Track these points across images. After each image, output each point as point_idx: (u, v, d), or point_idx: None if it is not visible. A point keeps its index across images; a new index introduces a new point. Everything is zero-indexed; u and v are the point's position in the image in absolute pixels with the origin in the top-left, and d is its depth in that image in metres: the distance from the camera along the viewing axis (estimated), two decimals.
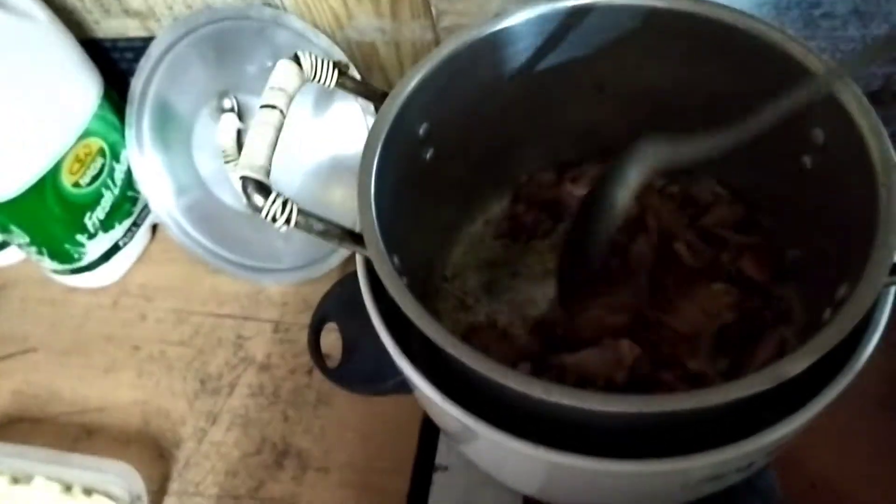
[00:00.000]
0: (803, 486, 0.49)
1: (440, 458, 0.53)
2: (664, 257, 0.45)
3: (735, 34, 0.38)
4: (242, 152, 0.33)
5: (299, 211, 0.33)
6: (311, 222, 0.34)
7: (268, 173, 0.33)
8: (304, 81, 0.36)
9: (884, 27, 0.43)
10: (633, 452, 0.31)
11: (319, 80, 0.37)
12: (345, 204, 0.58)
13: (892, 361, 0.49)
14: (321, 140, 0.58)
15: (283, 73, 0.35)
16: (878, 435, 0.49)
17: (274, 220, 0.33)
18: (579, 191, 0.49)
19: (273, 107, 0.34)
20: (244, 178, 0.32)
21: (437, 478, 0.53)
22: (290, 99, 0.35)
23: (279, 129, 0.34)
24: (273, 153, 0.33)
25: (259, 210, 0.32)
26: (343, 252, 0.61)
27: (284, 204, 0.33)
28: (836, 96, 0.34)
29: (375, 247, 0.34)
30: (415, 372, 0.35)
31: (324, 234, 0.34)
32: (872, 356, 0.32)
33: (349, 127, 0.57)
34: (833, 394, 0.31)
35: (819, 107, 0.35)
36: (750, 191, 0.45)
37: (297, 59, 0.36)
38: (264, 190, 0.32)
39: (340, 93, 0.56)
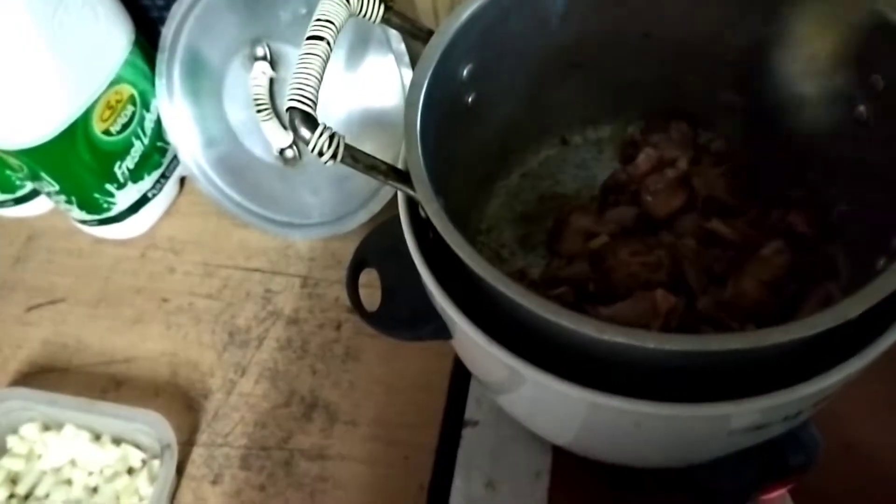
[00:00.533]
0: (838, 447, 0.48)
1: (469, 413, 0.53)
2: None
3: None
4: (290, 83, 0.32)
5: (346, 146, 0.33)
6: (358, 157, 0.33)
7: (315, 105, 0.32)
8: (350, 14, 0.36)
9: None
10: (677, 399, 0.30)
11: (365, 15, 0.37)
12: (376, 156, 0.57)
13: None
14: (353, 92, 0.57)
15: (330, 5, 0.34)
16: None
17: (321, 153, 0.32)
18: None
19: (320, 38, 0.33)
20: (291, 110, 0.32)
21: (467, 433, 0.52)
22: (338, 31, 0.34)
23: (326, 61, 0.33)
24: (320, 85, 0.33)
25: (306, 142, 0.32)
26: (372, 208, 0.60)
27: (332, 137, 0.32)
28: None
29: (423, 184, 0.33)
30: (459, 314, 0.34)
31: (370, 170, 0.33)
32: None
33: (382, 80, 0.56)
34: (885, 344, 0.30)
35: (881, 51, 0.34)
36: (800, 144, 0.44)
37: None
38: (312, 122, 0.32)
39: (374, 45, 0.55)
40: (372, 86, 0.56)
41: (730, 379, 0.32)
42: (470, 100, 0.42)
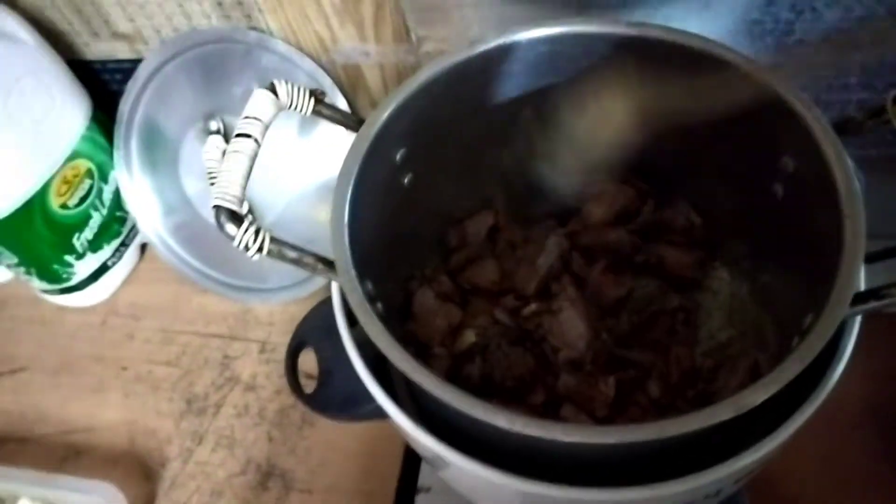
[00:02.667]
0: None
1: (423, 480, 0.53)
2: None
3: (708, 63, 0.38)
4: (216, 181, 0.33)
5: (272, 239, 0.34)
6: (284, 251, 0.34)
7: (241, 202, 0.33)
8: (280, 109, 0.37)
9: (856, 55, 0.43)
10: (603, 481, 0.31)
11: (296, 108, 0.38)
12: None
13: (865, 387, 0.49)
14: (308, 159, 0.58)
15: (259, 102, 0.36)
16: (852, 459, 0.49)
17: (247, 248, 0.33)
18: None
19: (248, 136, 0.35)
20: (217, 207, 0.33)
21: (420, 499, 0.53)
22: (266, 127, 0.35)
23: (253, 159, 0.34)
24: (247, 182, 0.34)
25: (232, 238, 0.33)
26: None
27: (257, 233, 0.33)
28: (804, 124, 0.34)
29: (347, 275, 0.34)
30: (388, 402, 0.35)
31: (297, 262, 0.34)
32: (840, 383, 0.32)
33: (336, 146, 0.57)
34: (796, 425, 0.31)
35: (788, 135, 0.36)
36: (723, 216, 0.45)
37: (272, 88, 0.37)
38: (237, 219, 0.33)
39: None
40: (327, 152, 0.58)
41: (653, 459, 0.33)
42: (406, 180, 0.43)
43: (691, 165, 0.46)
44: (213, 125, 0.58)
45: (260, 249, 0.33)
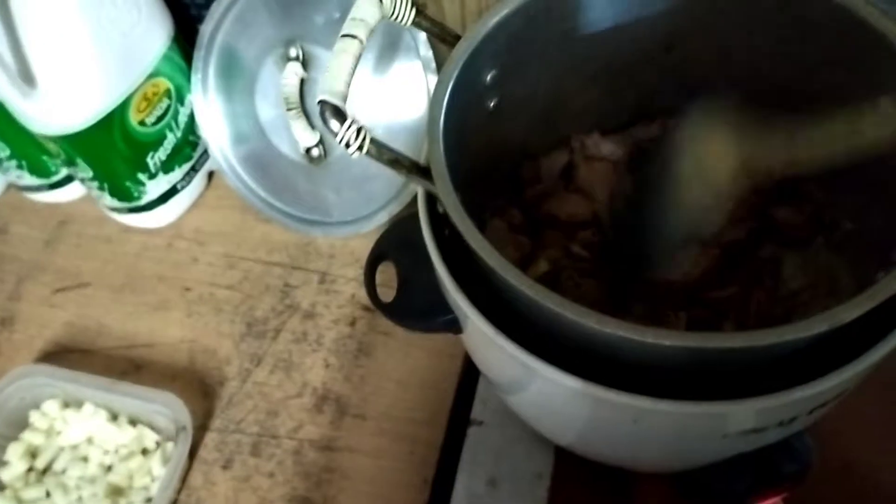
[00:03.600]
0: (837, 466, 0.49)
1: (475, 413, 0.54)
2: None
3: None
4: (322, 78, 0.34)
5: (372, 139, 0.34)
6: (383, 151, 0.35)
7: (345, 99, 0.34)
8: (383, 16, 0.37)
9: None
10: (680, 394, 0.31)
11: (397, 18, 0.38)
12: None
13: None
14: (380, 96, 0.59)
15: (364, 6, 0.36)
16: None
17: (348, 145, 0.34)
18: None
19: (353, 36, 0.35)
20: (322, 102, 0.33)
21: (472, 432, 0.54)
22: (370, 31, 0.36)
23: (358, 58, 0.35)
24: (351, 80, 0.34)
25: (335, 134, 0.33)
26: (391, 209, 0.62)
27: (359, 130, 0.34)
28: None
29: (443, 179, 0.35)
30: (469, 306, 0.36)
31: (393, 164, 0.35)
32: None
33: (408, 85, 0.58)
34: (879, 353, 0.31)
35: (889, 74, 0.36)
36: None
37: None
38: (341, 115, 0.33)
39: (402, 51, 0.57)
40: (398, 90, 0.58)
41: (729, 380, 0.33)
42: (492, 104, 0.43)
43: (776, 107, 0.45)
44: (293, 52, 0.59)
45: (360, 148, 0.34)
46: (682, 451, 0.37)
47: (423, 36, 0.58)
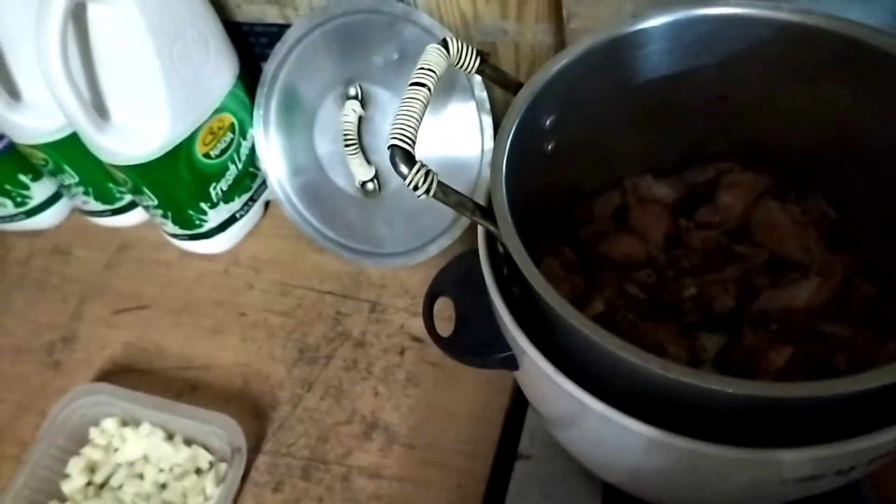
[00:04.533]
0: None
1: (523, 447, 0.55)
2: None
3: (863, 50, 0.39)
4: (392, 124, 0.36)
5: (439, 183, 0.36)
6: (449, 194, 0.36)
7: (414, 144, 0.35)
8: (450, 65, 0.39)
9: None
10: (738, 440, 0.32)
11: (462, 66, 0.40)
12: None
13: None
14: (435, 134, 0.60)
15: (433, 55, 0.38)
16: None
17: (416, 187, 0.35)
18: None
19: (422, 85, 0.37)
20: (393, 147, 0.35)
21: (519, 465, 0.54)
22: (438, 79, 0.38)
23: (426, 105, 0.37)
24: (419, 126, 0.36)
25: (405, 177, 0.35)
26: (441, 243, 0.63)
27: (427, 174, 0.35)
28: None
29: (506, 221, 0.36)
30: (528, 343, 0.37)
31: (457, 206, 0.37)
32: None
33: (463, 125, 0.60)
34: None
35: None
36: (861, 210, 0.45)
37: (444, 44, 0.39)
38: (410, 159, 0.35)
39: (458, 92, 0.59)
40: (453, 128, 0.60)
41: (790, 429, 0.33)
42: (549, 147, 0.45)
43: (830, 159, 0.46)
44: (352, 91, 0.61)
45: (428, 191, 0.36)
46: (739, 494, 0.37)
47: (478, 78, 0.60)
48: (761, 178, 0.48)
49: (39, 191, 0.75)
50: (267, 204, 0.74)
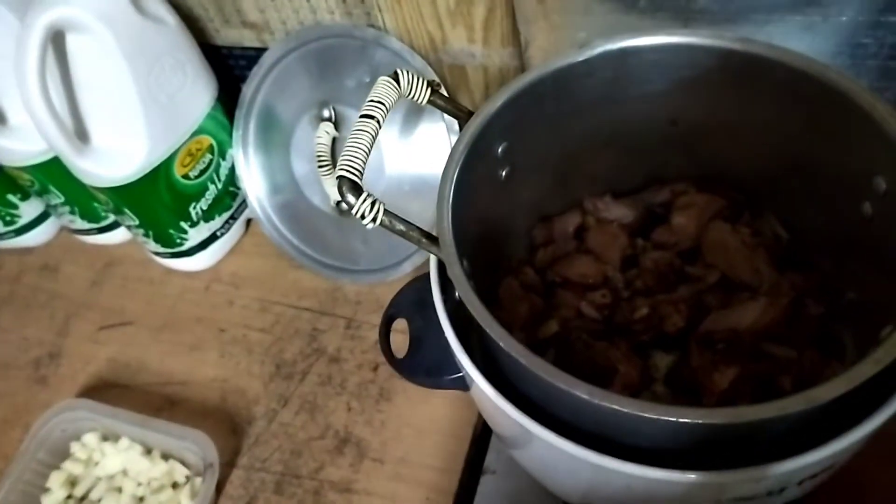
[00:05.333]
0: None
1: (489, 462, 0.56)
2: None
3: (806, 80, 0.40)
4: (341, 155, 0.37)
5: (385, 211, 0.37)
6: (395, 222, 0.37)
7: (361, 175, 0.37)
8: (400, 96, 0.40)
9: None
10: (670, 464, 0.33)
11: (413, 97, 0.41)
12: (421, 215, 0.61)
13: None
14: (408, 154, 0.62)
15: (383, 88, 0.40)
16: None
17: (363, 217, 0.37)
18: None
19: (371, 117, 0.38)
20: (340, 178, 0.37)
21: (485, 480, 0.55)
22: (387, 111, 0.39)
23: (375, 137, 0.38)
24: (367, 158, 0.38)
25: (351, 207, 0.36)
26: (415, 260, 0.65)
27: (374, 203, 0.37)
28: None
29: (449, 248, 0.37)
30: (474, 369, 0.38)
31: (404, 234, 0.38)
32: None
33: (432, 146, 0.61)
34: (861, 433, 0.32)
35: (882, 157, 0.37)
36: (811, 232, 0.46)
37: (395, 77, 0.41)
38: (357, 189, 0.36)
39: (428, 113, 0.61)
40: (423, 150, 0.62)
41: (722, 447, 0.34)
42: (503, 173, 0.46)
43: (780, 181, 0.47)
44: (325, 113, 0.63)
45: (374, 220, 0.37)
46: None
47: None
48: (715, 200, 0.49)
49: (28, 210, 0.77)
50: (248, 222, 0.76)
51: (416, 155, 0.62)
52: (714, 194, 0.49)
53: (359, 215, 0.37)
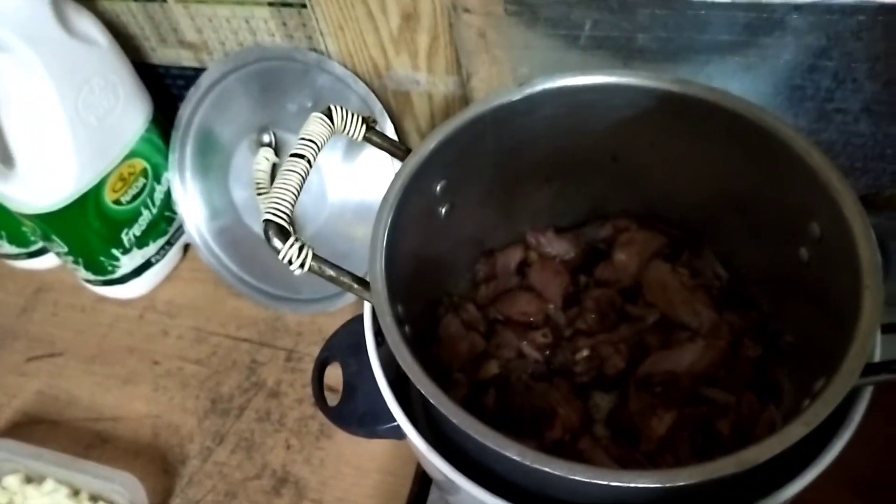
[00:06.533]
0: None
1: (431, 501, 0.54)
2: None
3: (744, 123, 0.39)
4: (267, 197, 0.35)
5: (314, 256, 0.36)
6: (324, 268, 0.36)
7: (290, 218, 0.35)
8: (333, 133, 0.39)
9: (893, 128, 0.44)
10: None
11: (348, 133, 0.40)
12: (366, 240, 0.60)
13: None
14: (351, 180, 0.60)
15: (315, 125, 0.38)
16: None
17: (290, 262, 0.35)
18: None
19: (301, 156, 0.37)
20: (266, 221, 0.35)
21: None
22: (319, 149, 0.38)
23: (305, 177, 0.36)
24: (297, 199, 0.36)
25: (277, 252, 0.35)
26: None
27: (301, 248, 0.35)
28: (834, 196, 0.35)
29: (379, 297, 0.36)
30: (407, 422, 0.37)
31: (334, 280, 0.36)
32: (845, 451, 0.33)
33: (378, 170, 0.60)
34: (794, 489, 0.32)
35: (816, 203, 0.37)
36: (751, 271, 0.46)
37: (328, 113, 0.39)
38: (284, 234, 0.35)
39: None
40: (367, 175, 0.60)
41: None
42: (444, 210, 0.45)
43: (721, 220, 0.47)
44: (265, 138, 0.61)
45: (302, 265, 0.35)
46: None
47: (390, 125, 0.60)
48: (655, 238, 0.48)
49: None
50: (186, 247, 0.73)
51: (359, 180, 0.60)
52: (655, 231, 0.49)
53: (286, 261, 0.35)
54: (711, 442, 0.41)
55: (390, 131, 0.60)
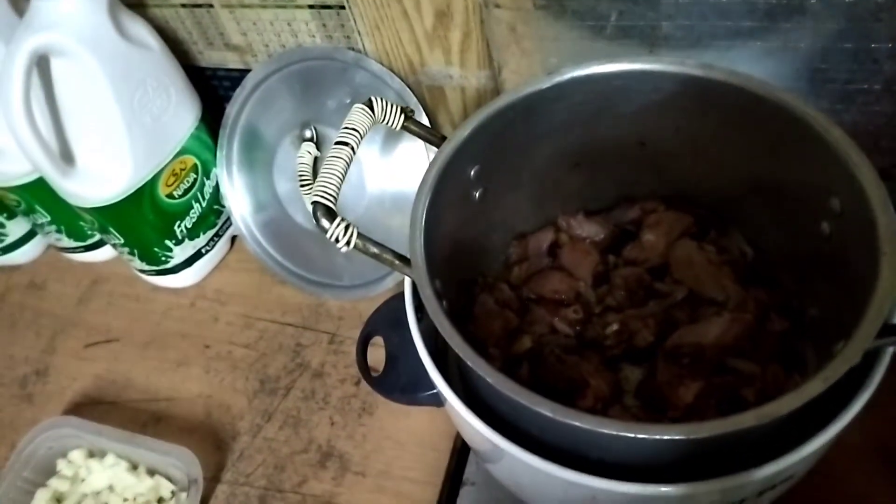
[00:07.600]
0: None
1: (469, 474, 0.57)
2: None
3: (766, 105, 0.41)
4: (316, 181, 0.38)
5: (359, 235, 0.38)
6: (368, 245, 0.39)
7: (336, 200, 0.38)
8: (374, 123, 0.42)
9: None
10: (637, 476, 0.34)
11: (387, 123, 0.43)
12: (402, 230, 0.63)
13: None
14: (388, 171, 0.63)
15: (357, 115, 0.41)
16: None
17: (337, 240, 0.38)
18: None
19: (346, 144, 0.40)
20: (315, 203, 0.38)
21: (465, 492, 0.56)
22: (362, 137, 0.41)
23: (349, 163, 0.39)
24: (342, 183, 0.39)
25: (325, 231, 0.38)
26: (397, 276, 0.66)
27: (347, 228, 0.38)
28: (851, 170, 0.37)
29: (420, 271, 0.38)
30: (446, 387, 0.39)
31: (377, 257, 0.39)
32: (868, 416, 0.35)
33: (413, 162, 0.62)
34: (814, 446, 0.33)
35: (837, 178, 0.39)
36: (775, 249, 0.48)
37: (369, 104, 0.42)
38: (331, 214, 0.38)
39: (407, 133, 0.62)
40: (404, 167, 0.63)
41: (685, 460, 0.35)
42: (477, 194, 0.47)
43: (745, 202, 0.49)
44: (307, 133, 0.64)
45: (348, 243, 0.38)
46: None
47: (425, 118, 0.63)
48: (682, 218, 0.50)
49: (15, 229, 0.78)
50: (233, 239, 0.77)
51: (396, 171, 0.63)
52: (682, 212, 0.51)
53: (333, 239, 0.38)
54: (738, 410, 0.43)
55: (426, 124, 0.63)
